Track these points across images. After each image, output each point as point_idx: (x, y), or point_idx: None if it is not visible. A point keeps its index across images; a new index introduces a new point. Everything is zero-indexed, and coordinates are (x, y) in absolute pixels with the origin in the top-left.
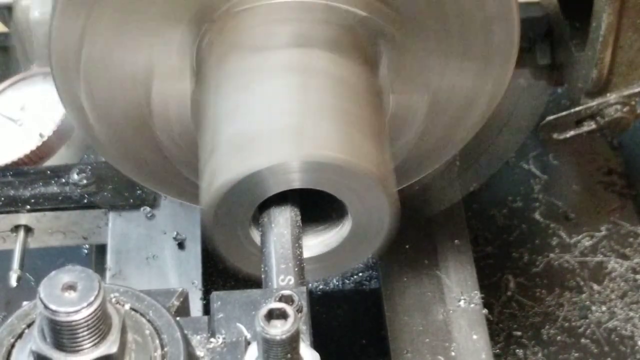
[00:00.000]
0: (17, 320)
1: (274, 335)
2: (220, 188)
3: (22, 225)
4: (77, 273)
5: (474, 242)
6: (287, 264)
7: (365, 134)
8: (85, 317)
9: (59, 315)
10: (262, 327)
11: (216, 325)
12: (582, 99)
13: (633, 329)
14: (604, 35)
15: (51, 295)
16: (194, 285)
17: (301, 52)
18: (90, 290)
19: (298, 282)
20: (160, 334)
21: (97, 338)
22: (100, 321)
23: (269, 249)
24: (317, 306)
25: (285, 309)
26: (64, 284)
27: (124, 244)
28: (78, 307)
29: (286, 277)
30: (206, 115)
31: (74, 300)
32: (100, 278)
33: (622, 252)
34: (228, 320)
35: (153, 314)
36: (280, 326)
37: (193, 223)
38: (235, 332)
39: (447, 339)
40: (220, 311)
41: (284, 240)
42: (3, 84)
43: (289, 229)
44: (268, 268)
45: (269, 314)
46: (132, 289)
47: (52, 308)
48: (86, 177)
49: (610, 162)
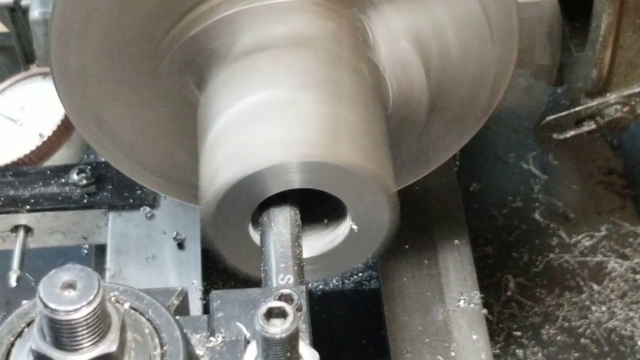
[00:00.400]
0: (17, 319)
1: (273, 334)
2: (220, 188)
3: (22, 225)
4: (76, 272)
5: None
6: (287, 263)
7: (365, 134)
8: (85, 315)
9: (59, 313)
10: (261, 325)
11: (215, 324)
12: (582, 99)
13: (633, 329)
14: (604, 35)
15: (51, 293)
16: (193, 285)
17: (300, 51)
18: (89, 289)
19: (297, 281)
20: (160, 333)
21: (96, 337)
22: (100, 320)
23: (268, 248)
24: (317, 306)
25: (284, 308)
26: (63, 282)
27: (124, 244)
28: (78, 306)
29: (285, 276)
30: (206, 116)
31: (73, 298)
32: (99, 277)
33: (622, 252)
34: (227, 319)
35: (152, 313)
36: (280, 325)
37: (193, 223)
38: (235, 331)
39: (446, 339)
40: (220, 310)
41: (283, 240)
42: (3, 84)
43: (288, 228)
44: (267, 267)
45: (268, 312)
46: (131, 288)
47: (51, 307)
48: (86, 177)
49: (610, 162)
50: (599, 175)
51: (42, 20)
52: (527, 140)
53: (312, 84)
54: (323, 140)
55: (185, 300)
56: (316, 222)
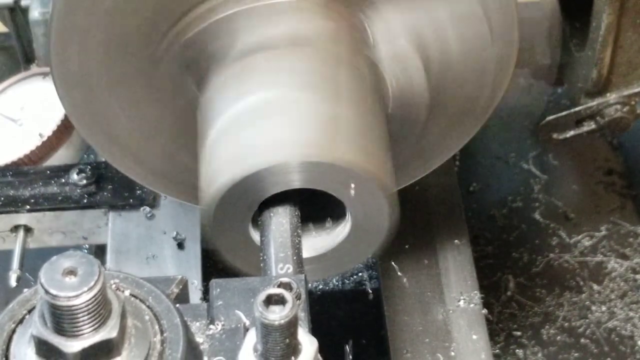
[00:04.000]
0: (18, 306)
1: (272, 320)
2: (220, 188)
3: (22, 225)
4: (77, 258)
5: (474, 242)
6: (286, 252)
7: (365, 134)
8: (86, 301)
9: (60, 299)
10: (260, 312)
11: (215, 312)
12: (582, 99)
13: (633, 329)
14: (604, 35)
15: (52, 280)
16: (193, 285)
17: (299, 51)
18: (90, 275)
19: (297, 270)
20: (160, 320)
21: (97, 323)
22: (101, 306)
23: (268, 237)
24: (317, 306)
25: (283, 295)
26: (64, 269)
27: (124, 244)
28: (78, 292)
29: (285, 265)
30: (206, 116)
31: (74, 284)
32: (100, 263)
33: (622, 252)
34: (227, 307)
35: (153, 300)
36: (279, 311)
37: (193, 223)
38: (234, 319)
39: (446, 339)
40: (219, 298)
41: (282, 229)
42: (3, 84)
43: (287, 219)
44: (267, 256)
45: (267, 299)
46: (131, 276)
47: (52, 292)
48: (86, 177)
49: (610, 162)
50: (599, 175)
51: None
52: (527, 140)
53: (311, 84)
54: (323, 140)
55: (185, 288)
56: (316, 222)
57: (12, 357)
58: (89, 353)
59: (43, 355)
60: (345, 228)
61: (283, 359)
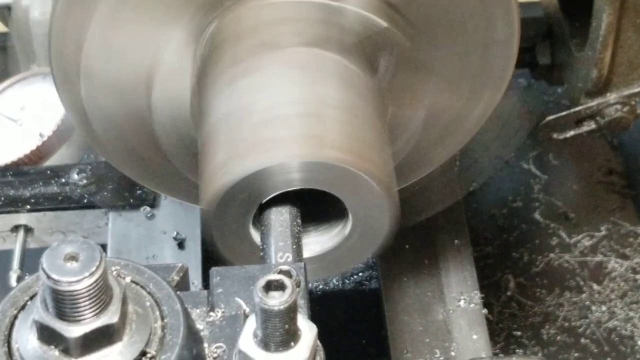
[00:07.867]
0: (20, 293)
1: (272, 305)
2: (220, 188)
3: (22, 225)
4: (79, 244)
5: (474, 242)
6: (286, 241)
7: (366, 135)
8: (87, 286)
9: (61, 284)
10: (260, 297)
11: (215, 299)
12: (582, 99)
13: (633, 329)
14: (604, 35)
15: (53, 265)
16: (193, 285)
17: (305, 52)
18: (91, 261)
19: (296, 258)
20: (161, 306)
21: (98, 308)
22: (102, 291)
23: (267, 226)
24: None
25: (283, 280)
26: (66, 254)
27: (124, 244)
28: (80, 277)
29: (284, 254)
30: (207, 115)
31: (75, 270)
32: (101, 249)
33: (622, 252)
34: (227, 294)
35: (153, 287)
36: (278, 297)
37: (193, 223)
38: (234, 307)
39: (447, 338)
40: (219, 286)
41: (282, 219)
42: (3, 84)
43: (287, 208)
44: (267, 245)
45: (267, 285)
46: (132, 262)
47: (54, 278)
48: (86, 177)
49: (610, 162)
50: (599, 175)
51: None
52: (527, 140)
53: (314, 85)
54: (323, 140)
55: (186, 276)
56: (316, 222)
57: (14, 343)
58: (90, 338)
59: (45, 340)
60: (345, 228)
61: (282, 344)
